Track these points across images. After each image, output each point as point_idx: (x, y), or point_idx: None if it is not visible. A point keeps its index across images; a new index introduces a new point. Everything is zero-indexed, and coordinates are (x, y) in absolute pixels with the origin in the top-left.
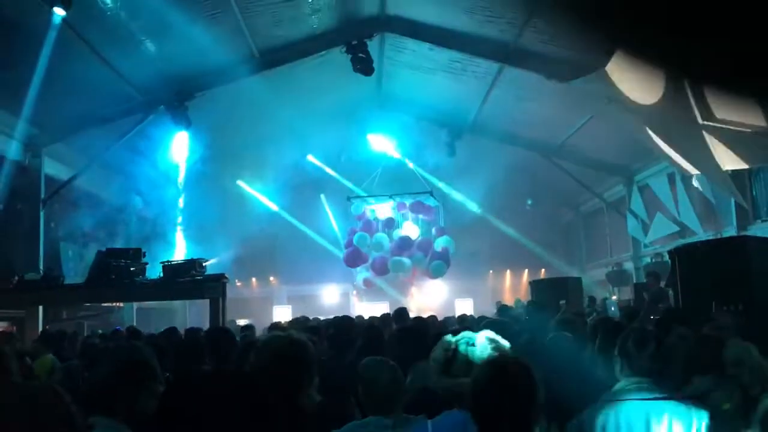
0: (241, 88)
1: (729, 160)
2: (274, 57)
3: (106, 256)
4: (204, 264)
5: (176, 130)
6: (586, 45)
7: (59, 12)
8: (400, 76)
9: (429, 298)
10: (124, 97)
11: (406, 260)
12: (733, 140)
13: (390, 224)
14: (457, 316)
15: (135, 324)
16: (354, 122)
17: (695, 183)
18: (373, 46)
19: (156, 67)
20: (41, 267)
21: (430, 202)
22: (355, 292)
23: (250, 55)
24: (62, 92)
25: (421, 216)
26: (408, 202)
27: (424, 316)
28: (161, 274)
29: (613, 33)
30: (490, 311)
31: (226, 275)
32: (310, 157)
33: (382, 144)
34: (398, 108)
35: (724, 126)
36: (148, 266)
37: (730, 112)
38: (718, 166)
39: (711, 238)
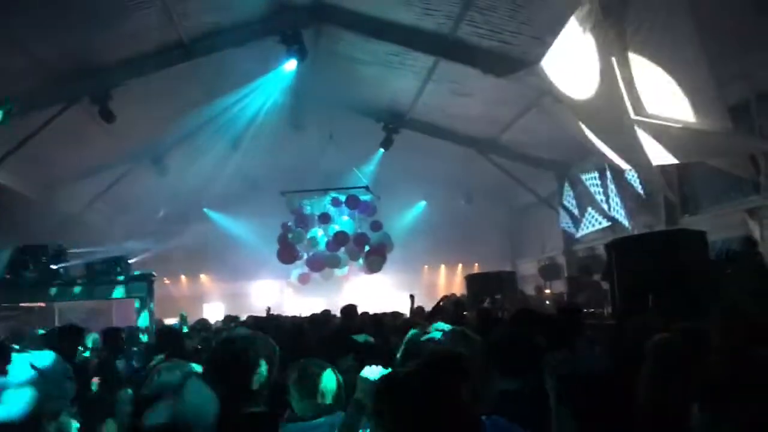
0: (169, 78)
1: (659, 156)
2: (204, 45)
3: (23, 252)
4: (129, 262)
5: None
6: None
7: None
8: (335, 69)
9: (364, 293)
10: (38, 88)
11: (342, 255)
12: (663, 135)
13: (325, 219)
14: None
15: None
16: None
17: (627, 178)
18: (309, 37)
19: (72, 55)
20: None
21: (366, 197)
22: (289, 288)
23: (178, 42)
24: None
25: (356, 211)
26: (343, 197)
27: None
28: (84, 272)
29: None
30: (427, 306)
31: (154, 273)
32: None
33: (316, 138)
34: (333, 101)
35: (654, 121)
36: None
37: (660, 107)
38: (648, 161)
39: (641, 232)
